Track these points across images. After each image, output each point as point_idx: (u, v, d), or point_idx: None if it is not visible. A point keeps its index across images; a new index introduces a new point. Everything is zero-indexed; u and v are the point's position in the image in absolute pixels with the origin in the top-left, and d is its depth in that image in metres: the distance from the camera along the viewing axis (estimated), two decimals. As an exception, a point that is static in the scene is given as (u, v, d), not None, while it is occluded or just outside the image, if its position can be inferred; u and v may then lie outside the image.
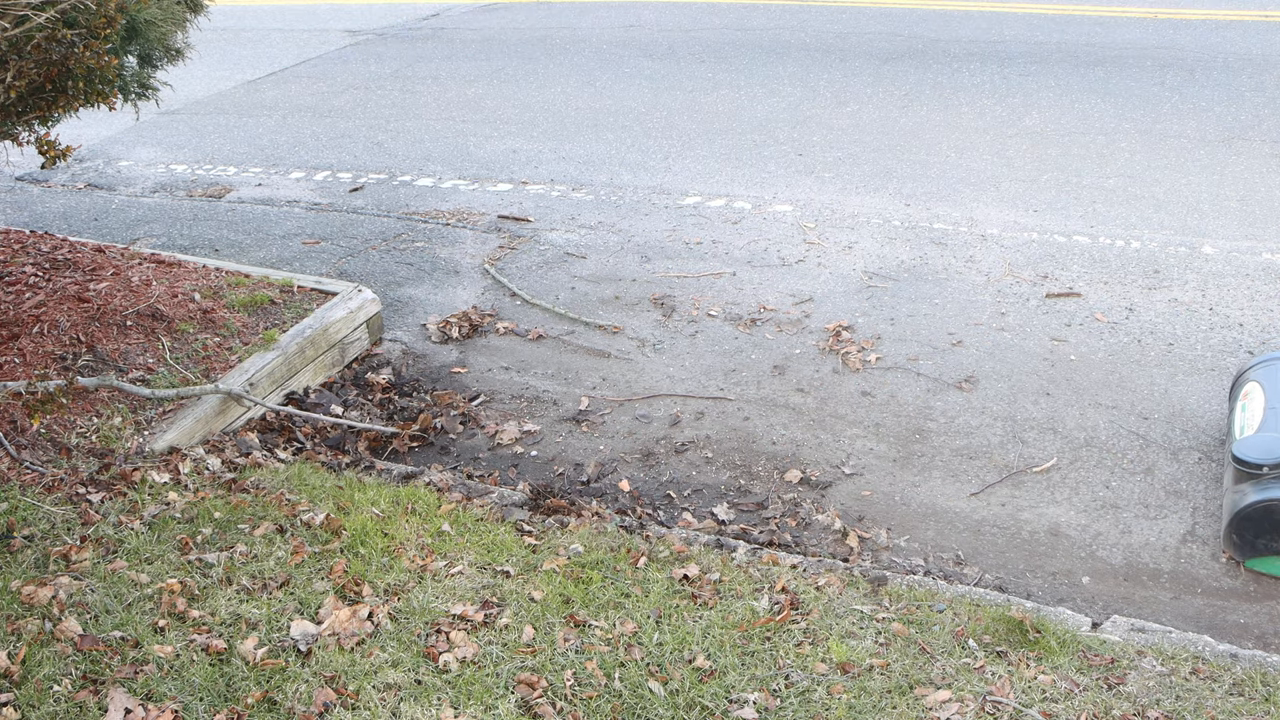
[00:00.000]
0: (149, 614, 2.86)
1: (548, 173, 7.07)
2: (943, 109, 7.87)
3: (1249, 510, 3.33)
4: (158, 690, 2.60)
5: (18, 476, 3.43)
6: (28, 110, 4.05)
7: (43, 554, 3.08)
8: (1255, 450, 3.40)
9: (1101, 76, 8.40)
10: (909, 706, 2.64)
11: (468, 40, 11.03)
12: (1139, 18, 10.16)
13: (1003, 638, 2.93)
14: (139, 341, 4.26)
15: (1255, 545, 3.37)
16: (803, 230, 6.00)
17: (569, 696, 2.65)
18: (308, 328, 4.58)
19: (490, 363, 4.85)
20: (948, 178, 6.61)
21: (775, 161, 7.05)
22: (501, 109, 8.51)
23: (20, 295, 4.45)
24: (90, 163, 7.75)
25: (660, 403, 4.49)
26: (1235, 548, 3.42)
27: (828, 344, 4.82)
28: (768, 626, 2.94)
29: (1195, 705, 2.66)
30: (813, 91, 8.50)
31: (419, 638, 2.85)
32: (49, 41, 3.74)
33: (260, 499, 3.46)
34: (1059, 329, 4.84)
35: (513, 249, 5.95)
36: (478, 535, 3.38)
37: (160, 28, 4.70)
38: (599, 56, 9.96)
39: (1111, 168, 6.60)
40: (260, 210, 6.65)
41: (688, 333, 5.02)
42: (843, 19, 10.85)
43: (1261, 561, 3.40)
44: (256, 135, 8.19)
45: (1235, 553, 3.44)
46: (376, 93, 9.17)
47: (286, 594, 2.99)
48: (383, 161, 7.46)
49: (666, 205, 6.45)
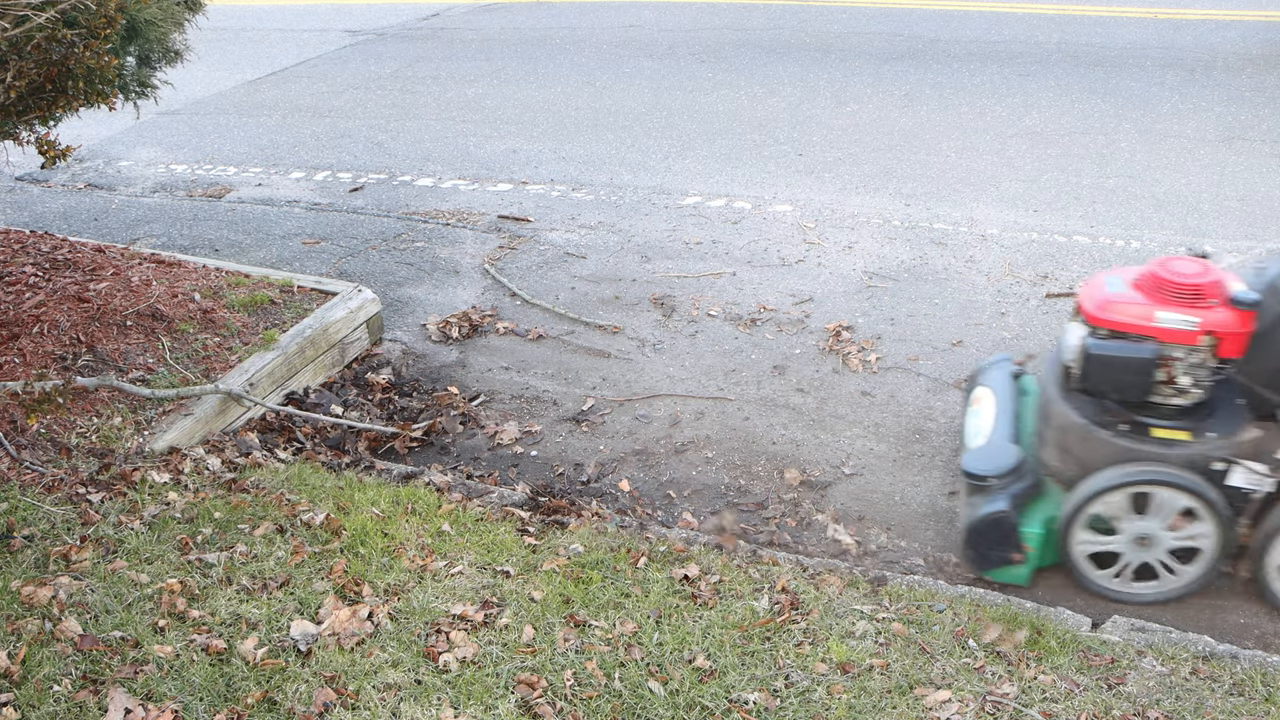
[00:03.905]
0: (149, 614, 2.86)
1: (548, 173, 7.07)
2: (943, 109, 7.87)
3: (978, 524, 3.32)
4: (158, 690, 2.60)
5: (18, 476, 3.43)
6: (28, 110, 4.05)
7: (43, 554, 3.08)
8: (982, 462, 3.40)
9: (1101, 76, 8.40)
10: (909, 706, 2.64)
11: (468, 40, 11.03)
12: (1139, 18, 10.16)
13: (1002, 638, 2.93)
14: (139, 341, 4.26)
15: (989, 557, 3.37)
16: (803, 230, 6.00)
17: (569, 696, 2.65)
18: (308, 328, 4.58)
19: (490, 363, 4.85)
20: (948, 178, 6.61)
21: (775, 161, 7.05)
22: (501, 109, 8.51)
23: (20, 295, 4.45)
24: (90, 163, 7.75)
25: (660, 403, 4.49)
26: (970, 561, 3.41)
27: (828, 344, 4.82)
28: (768, 626, 2.94)
29: (1195, 705, 2.66)
30: (813, 91, 8.50)
31: (419, 638, 2.84)
32: (49, 41, 3.74)
33: (260, 499, 3.46)
34: (1060, 329, 4.84)
35: (513, 249, 5.95)
36: (478, 535, 3.38)
37: (160, 27, 4.70)
38: (599, 56, 9.96)
39: (1111, 168, 6.60)
40: (260, 210, 6.65)
41: (688, 333, 5.02)
42: (843, 19, 10.85)
43: (997, 572, 3.39)
44: (256, 135, 8.19)
45: (971, 565, 3.42)
46: (376, 93, 9.17)
47: (286, 594, 2.99)
48: (383, 161, 7.46)
49: (666, 205, 6.45)
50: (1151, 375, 3.16)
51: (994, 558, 3.36)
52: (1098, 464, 3.25)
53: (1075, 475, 3.31)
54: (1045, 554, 3.37)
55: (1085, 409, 3.33)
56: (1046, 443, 3.47)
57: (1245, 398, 3.22)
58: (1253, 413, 3.21)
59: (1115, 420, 3.28)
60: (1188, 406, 3.24)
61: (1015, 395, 3.77)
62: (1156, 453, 3.20)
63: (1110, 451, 3.24)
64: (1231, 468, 3.16)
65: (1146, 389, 3.19)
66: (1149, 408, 3.26)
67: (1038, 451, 3.52)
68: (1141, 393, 3.20)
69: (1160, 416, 3.25)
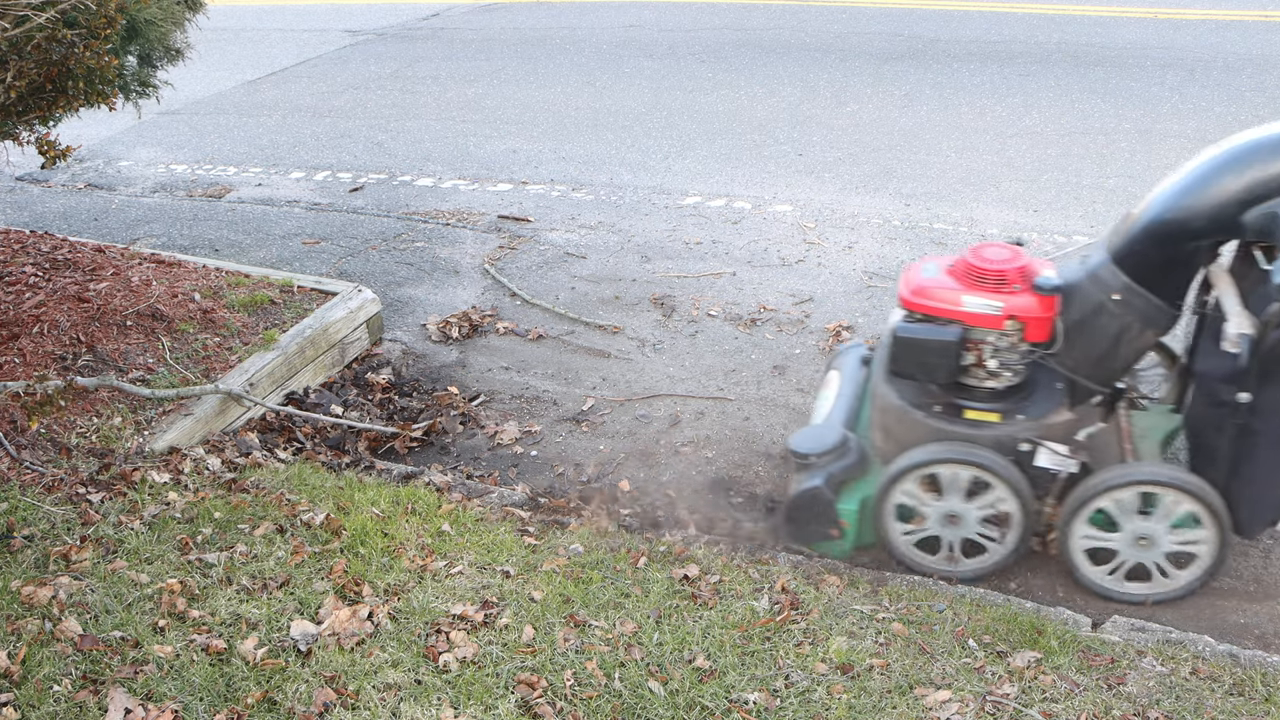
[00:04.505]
0: (149, 614, 2.86)
1: (548, 173, 7.07)
2: (943, 109, 7.88)
3: (795, 499, 3.42)
4: (158, 690, 2.60)
5: (18, 476, 3.43)
6: (28, 110, 4.05)
7: (43, 554, 3.08)
8: (806, 442, 3.49)
9: (1101, 76, 8.40)
10: (909, 706, 2.64)
11: (468, 40, 11.03)
12: (1139, 18, 10.16)
13: (1002, 638, 2.93)
14: (139, 341, 4.26)
15: (807, 531, 3.47)
16: (803, 230, 6.00)
17: (569, 696, 2.65)
18: (308, 328, 4.58)
19: (490, 363, 4.85)
20: (948, 178, 6.61)
21: (775, 161, 7.05)
22: (501, 109, 8.51)
23: (20, 295, 4.45)
24: (90, 163, 7.75)
25: (660, 403, 4.49)
26: (791, 535, 3.51)
27: (828, 344, 4.82)
28: (768, 626, 2.94)
29: (1195, 705, 2.66)
30: (813, 91, 8.51)
31: (419, 638, 2.85)
32: (49, 42, 3.74)
33: (260, 499, 3.46)
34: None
35: (513, 249, 5.95)
36: (478, 535, 3.38)
37: (160, 27, 4.70)
38: (599, 56, 9.96)
39: (1111, 168, 6.60)
40: (260, 210, 6.65)
41: (688, 333, 5.02)
42: (843, 19, 10.85)
43: (818, 545, 3.50)
44: (256, 135, 8.19)
45: (791, 540, 3.52)
46: (376, 93, 9.17)
47: (286, 594, 2.99)
48: (383, 161, 7.46)
49: (666, 205, 6.45)
50: (955, 358, 3.23)
51: (812, 532, 3.47)
52: (913, 444, 3.34)
53: (896, 455, 3.39)
54: (863, 531, 3.46)
55: (905, 391, 3.42)
56: (874, 424, 3.57)
57: (1065, 383, 3.30)
58: (1072, 398, 3.29)
59: (931, 402, 3.37)
60: (1003, 389, 3.32)
61: (861, 379, 3.87)
62: (966, 433, 3.28)
63: (924, 432, 3.33)
64: (1037, 449, 3.23)
65: (952, 371, 3.26)
66: (965, 390, 3.34)
67: (870, 433, 3.61)
68: (947, 375, 3.27)
69: (975, 399, 3.33)
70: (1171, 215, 3.01)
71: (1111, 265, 3.13)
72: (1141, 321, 3.13)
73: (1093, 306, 3.15)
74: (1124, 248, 3.12)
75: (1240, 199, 2.88)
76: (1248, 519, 3.16)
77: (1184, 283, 3.14)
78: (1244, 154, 2.92)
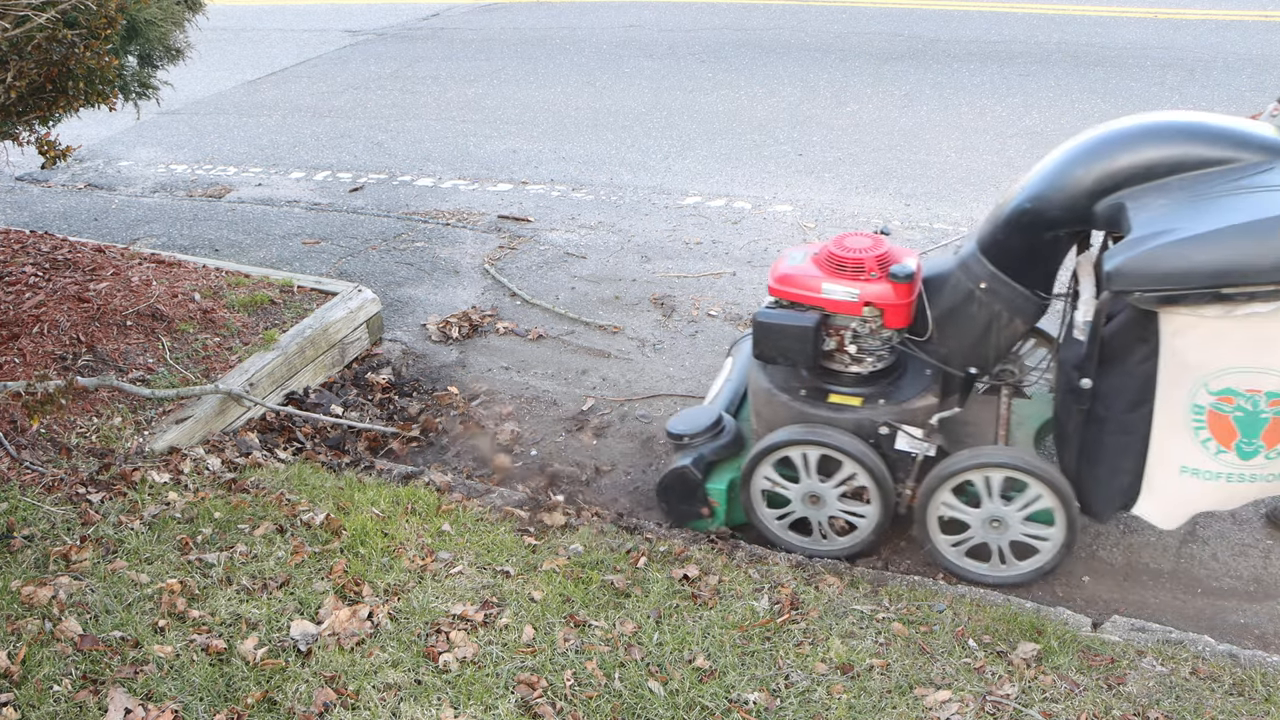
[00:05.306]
0: (149, 614, 2.86)
1: (548, 173, 7.07)
2: (943, 109, 7.88)
3: (665, 478, 3.52)
4: (158, 690, 2.60)
5: (18, 476, 3.43)
6: (28, 110, 4.05)
7: (43, 554, 3.08)
8: (681, 423, 3.61)
9: (1101, 76, 8.40)
10: (909, 706, 2.64)
11: (468, 40, 11.03)
12: (1139, 18, 10.16)
13: (1002, 637, 2.93)
14: (139, 341, 4.26)
15: (678, 510, 3.55)
16: (803, 230, 6.00)
17: (569, 696, 2.65)
18: (308, 328, 4.58)
19: (490, 363, 4.85)
20: (948, 178, 6.61)
21: (775, 161, 7.05)
22: (501, 109, 8.51)
23: (20, 295, 4.45)
24: (90, 163, 7.75)
25: (660, 403, 4.49)
26: (663, 513, 3.59)
27: (828, 344, 4.82)
28: (768, 627, 2.94)
29: (1195, 705, 2.66)
30: (813, 91, 8.51)
31: (419, 638, 2.85)
32: (49, 42, 3.74)
33: (260, 499, 3.46)
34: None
35: (513, 249, 5.95)
36: (478, 535, 3.38)
37: (160, 27, 4.70)
38: (599, 56, 9.96)
39: (1111, 168, 6.59)
40: (260, 210, 6.65)
41: (688, 333, 5.02)
42: (843, 19, 10.85)
43: (692, 524, 3.57)
44: (256, 135, 8.19)
45: (664, 518, 3.60)
46: (376, 93, 9.17)
47: (286, 594, 2.99)
48: (383, 161, 7.46)
49: (666, 205, 6.45)
50: (813, 343, 3.28)
51: (683, 511, 3.56)
52: (780, 427, 3.40)
53: None
54: (734, 511, 3.54)
55: (775, 376, 3.49)
56: (750, 408, 3.65)
57: (935, 370, 3.35)
58: (939, 384, 3.34)
59: (799, 386, 3.43)
60: (868, 374, 3.38)
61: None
62: (827, 417, 3.34)
63: (789, 415, 3.40)
64: (896, 433, 3.29)
65: (811, 356, 3.31)
66: (832, 375, 3.41)
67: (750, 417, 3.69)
68: (806, 359, 3.32)
69: (841, 384, 3.40)
70: (1030, 205, 3.04)
71: (979, 254, 3.18)
72: (1009, 310, 3.17)
73: (963, 295, 3.21)
74: (989, 237, 3.16)
75: (1091, 190, 2.91)
76: (1097, 503, 3.19)
77: (1049, 271, 3.18)
78: (1096, 146, 2.95)
